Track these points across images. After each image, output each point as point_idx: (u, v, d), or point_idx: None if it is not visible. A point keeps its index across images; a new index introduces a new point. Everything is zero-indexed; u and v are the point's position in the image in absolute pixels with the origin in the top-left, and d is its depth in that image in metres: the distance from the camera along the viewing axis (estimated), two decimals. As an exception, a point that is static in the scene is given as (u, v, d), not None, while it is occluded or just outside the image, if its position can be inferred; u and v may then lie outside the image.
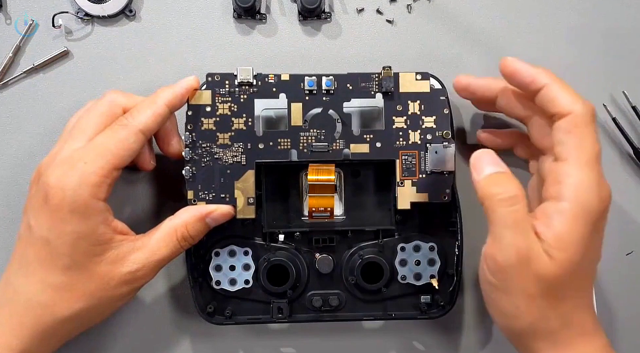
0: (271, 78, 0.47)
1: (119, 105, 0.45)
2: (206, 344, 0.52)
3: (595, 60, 0.53)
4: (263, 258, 0.49)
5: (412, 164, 0.47)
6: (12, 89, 0.51)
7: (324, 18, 0.52)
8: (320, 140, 0.47)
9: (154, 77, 0.51)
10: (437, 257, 0.49)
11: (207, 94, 0.47)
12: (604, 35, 0.53)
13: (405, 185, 0.47)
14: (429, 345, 0.53)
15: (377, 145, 0.47)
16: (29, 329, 0.43)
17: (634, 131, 0.53)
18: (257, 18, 0.52)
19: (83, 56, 0.51)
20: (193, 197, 0.46)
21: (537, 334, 0.41)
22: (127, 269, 0.44)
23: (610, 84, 0.53)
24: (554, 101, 0.42)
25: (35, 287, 0.43)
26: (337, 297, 0.50)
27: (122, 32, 0.52)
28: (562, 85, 0.43)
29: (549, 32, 0.53)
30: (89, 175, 0.42)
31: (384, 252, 0.50)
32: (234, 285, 0.49)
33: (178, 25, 0.52)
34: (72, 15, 0.51)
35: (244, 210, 0.47)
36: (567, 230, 0.40)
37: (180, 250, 0.45)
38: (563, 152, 0.41)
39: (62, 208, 0.42)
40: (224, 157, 0.47)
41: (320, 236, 0.50)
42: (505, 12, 0.53)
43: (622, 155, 0.53)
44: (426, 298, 0.50)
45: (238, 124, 0.47)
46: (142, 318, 0.52)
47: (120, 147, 0.43)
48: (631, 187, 0.53)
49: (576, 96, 0.42)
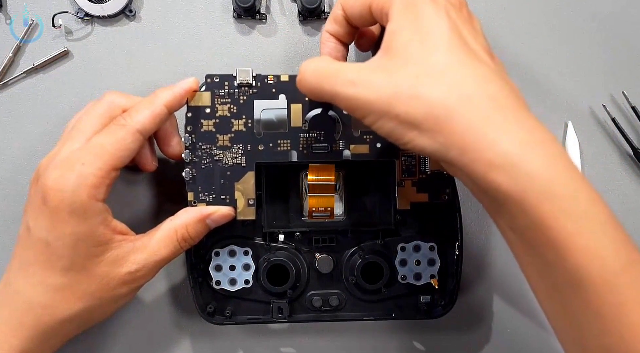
0: (270, 79, 0.47)
1: (118, 106, 0.45)
2: (206, 344, 0.53)
3: (595, 60, 0.53)
4: (263, 258, 0.49)
5: (412, 165, 0.47)
6: (12, 89, 0.51)
7: (324, 18, 0.52)
8: (320, 141, 0.47)
9: (154, 77, 0.51)
10: (437, 257, 0.49)
11: (207, 96, 0.46)
12: (604, 35, 0.53)
13: (405, 185, 0.48)
14: (429, 345, 0.53)
15: (377, 146, 0.47)
16: (29, 330, 0.43)
17: (633, 131, 0.53)
18: (257, 18, 0.52)
19: (83, 56, 0.51)
20: (193, 198, 0.46)
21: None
22: (127, 270, 0.44)
23: (610, 84, 0.53)
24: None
25: (35, 288, 0.43)
26: (337, 297, 0.50)
27: (122, 32, 0.52)
28: None
29: (549, 32, 0.53)
30: (87, 177, 0.42)
31: (384, 252, 0.50)
32: (234, 285, 0.49)
33: (178, 25, 0.52)
34: (72, 15, 0.51)
35: (244, 211, 0.47)
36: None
37: (180, 251, 0.45)
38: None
39: (60, 210, 0.42)
40: (224, 158, 0.47)
41: (320, 236, 0.50)
42: (505, 12, 0.53)
43: (621, 155, 0.53)
44: (426, 298, 0.50)
45: (238, 125, 0.47)
46: (142, 318, 0.52)
47: (117, 148, 0.43)
48: (631, 187, 0.53)
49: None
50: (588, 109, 0.53)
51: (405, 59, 0.38)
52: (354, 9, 0.43)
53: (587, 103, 0.53)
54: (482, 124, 0.35)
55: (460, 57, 0.37)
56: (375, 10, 0.41)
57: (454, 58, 0.37)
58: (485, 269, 0.53)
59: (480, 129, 0.35)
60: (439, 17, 0.38)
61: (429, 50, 0.37)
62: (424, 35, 0.38)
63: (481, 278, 0.53)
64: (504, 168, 0.35)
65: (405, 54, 0.38)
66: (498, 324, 0.53)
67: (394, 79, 0.37)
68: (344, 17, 0.45)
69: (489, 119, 0.36)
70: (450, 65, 0.37)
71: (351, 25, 0.45)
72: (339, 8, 0.45)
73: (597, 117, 0.53)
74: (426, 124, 0.36)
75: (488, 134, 0.35)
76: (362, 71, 0.38)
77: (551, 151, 0.35)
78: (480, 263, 0.53)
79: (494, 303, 0.53)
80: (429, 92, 0.36)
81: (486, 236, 0.53)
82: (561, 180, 0.35)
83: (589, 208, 0.35)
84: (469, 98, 0.36)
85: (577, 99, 0.53)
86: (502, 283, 0.53)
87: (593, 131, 0.53)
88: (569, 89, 0.53)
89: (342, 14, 0.45)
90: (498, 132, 0.35)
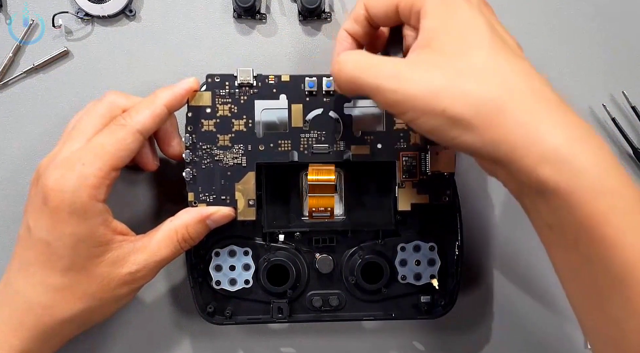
0: (271, 79, 0.47)
1: (119, 107, 0.45)
2: (206, 344, 0.53)
3: (595, 60, 0.53)
4: (263, 258, 0.49)
5: (413, 166, 0.47)
6: (12, 89, 0.51)
7: (324, 18, 0.52)
8: (321, 141, 0.47)
9: (154, 77, 0.51)
10: (437, 257, 0.50)
11: (207, 95, 0.46)
12: (604, 35, 0.53)
13: (406, 186, 0.48)
14: (429, 345, 0.53)
15: (377, 147, 0.47)
16: (30, 330, 0.43)
17: (633, 131, 0.53)
18: (257, 18, 0.52)
19: (83, 56, 0.51)
20: (193, 198, 0.46)
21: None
22: (127, 270, 0.44)
23: (610, 84, 0.53)
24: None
25: (35, 289, 0.43)
26: (337, 297, 0.50)
27: (122, 32, 0.52)
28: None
29: (549, 32, 0.53)
30: (88, 177, 0.42)
31: (384, 252, 0.50)
32: (234, 285, 0.49)
33: (178, 25, 0.52)
34: (72, 15, 0.51)
35: (245, 212, 0.47)
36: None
37: (180, 251, 0.45)
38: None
39: (61, 210, 0.42)
40: (225, 158, 0.47)
41: (320, 236, 0.50)
42: (505, 12, 0.53)
43: (621, 155, 0.53)
44: (426, 298, 0.50)
45: (238, 126, 0.47)
46: (142, 318, 0.52)
47: (117, 148, 0.43)
48: (631, 187, 0.53)
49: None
50: (588, 109, 0.53)
51: (447, 56, 0.37)
52: (378, 8, 0.43)
53: (587, 103, 0.53)
54: (530, 119, 0.35)
55: (501, 54, 0.37)
56: (403, 9, 0.41)
57: (495, 54, 0.37)
58: (485, 269, 0.53)
59: (530, 124, 0.35)
60: (475, 14, 0.38)
61: (470, 46, 0.37)
62: (463, 32, 0.38)
63: (481, 278, 0.53)
64: (554, 163, 0.35)
65: (447, 50, 0.38)
66: (498, 324, 0.53)
67: (439, 74, 0.37)
68: (366, 17, 0.45)
69: (536, 113, 0.36)
70: (493, 61, 0.37)
71: (371, 26, 0.45)
72: (361, 7, 0.45)
73: (597, 117, 0.53)
74: (474, 120, 0.36)
75: (537, 130, 0.35)
76: (404, 66, 0.38)
77: (598, 146, 0.35)
78: (480, 264, 0.53)
79: (494, 303, 0.53)
80: (475, 88, 0.36)
81: (486, 236, 0.53)
82: (609, 177, 0.35)
83: (636, 206, 0.35)
84: (516, 93, 0.36)
85: (577, 99, 0.53)
86: (502, 283, 0.53)
87: (593, 131, 0.53)
88: (569, 89, 0.53)
89: (364, 14, 0.45)
90: (547, 127, 0.35)
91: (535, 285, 0.53)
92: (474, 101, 0.36)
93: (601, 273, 0.35)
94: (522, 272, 0.53)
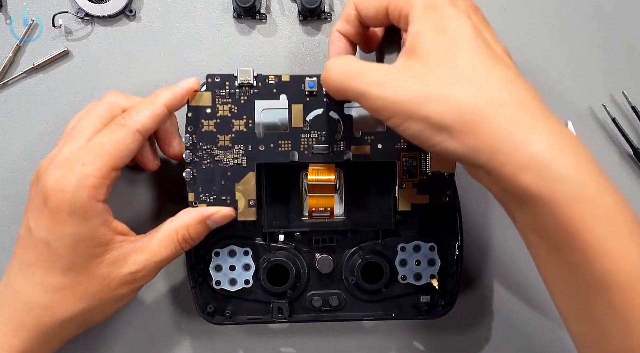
0: (271, 79, 0.47)
1: (119, 107, 0.45)
2: (206, 344, 0.53)
3: (595, 60, 0.53)
4: (263, 258, 0.49)
5: (413, 166, 0.47)
6: (12, 89, 0.51)
7: (324, 18, 0.52)
8: (321, 141, 0.47)
9: (154, 77, 0.51)
10: (437, 257, 0.50)
11: (207, 96, 0.46)
12: (604, 35, 0.53)
13: (406, 186, 0.48)
14: (429, 345, 0.53)
15: (378, 147, 0.47)
16: (30, 330, 0.44)
17: (633, 131, 0.53)
18: (257, 18, 0.52)
19: (83, 56, 0.51)
20: (194, 199, 0.46)
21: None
22: (127, 270, 0.44)
23: (610, 84, 0.53)
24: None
25: (35, 289, 0.43)
26: (337, 297, 0.50)
27: (122, 32, 0.52)
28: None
29: (549, 32, 0.53)
30: (88, 177, 0.42)
31: (384, 252, 0.50)
32: (234, 285, 0.49)
33: (178, 25, 0.52)
34: (72, 15, 0.51)
35: (245, 212, 0.47)
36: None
37: (180, 251, 0.45)
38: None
39: (61, 211, 0.42)
40: (225, 159, 0.46)
41: (320, 236, 0.50)
42: (505, 12, 0.53)
43: (621, 155, 0.53)
44: (426, 298, 0.50)
45: (238, 126, 0.47)
46: (142, 318, 0.52)
47: (117, 148, 0.43)
48: (631, 187, 0.53)
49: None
50: (588, 109, 0.53)
51: (431, 61, 0.38)
52: (368, 9, 0.43)
53: (587, 103, 0.53)
54: (512, 127, 0.35)
55: (486, 60, 0.38)
56: (392, 11, 0.41)
57: (480, 61, 0.37)
58: (485, 269, 0.53)
59: (511, 132, 0.35)
60: (461, 20, 0.39)
61: (455, 53, 0.38)
62: (449, 38, 0.38)
63: (481, 278, 0.53)
64: (535, 170, 0.35)
65: (431, 56, 0.38)
66: (498, 324, 0.53)
67: (422, 80, 0.37)
68: (357, 17, 0.45)
69: (518, 121, 0.36)
70: (477, 68, 0.37)
71: (363, 26, 0.45)
72: (352, 8, 0.45)
73: (597, 117, 0.53)
74: (456, 126, 0.36)
75: (518, 137, 0.35)
76: (388, 72, 0.38)
77: (579, 154, 0.36)
78: (480, 264, 0.53)
79: (494, 304, 0.53)
80: (458, 94, 0.36)
81: (486, 236, 0.53)
82: (590, 183, 0.35)
83: (617, 212, 0.35)
84: (499, 101, 0.36)
85: (577, 99, 0.53)
86: (502, 283, 0.53)
87: (593, 131, 0.53)
88: (569, 89, 0.53)
89: (355, 14, 0.45)
90: (528, 135, 0.35)
91: (535, 285, 0.52)
92: (457, 108, 0.36)
93: (584, 279, 0.36)
94: (522, 272, 0.53)
